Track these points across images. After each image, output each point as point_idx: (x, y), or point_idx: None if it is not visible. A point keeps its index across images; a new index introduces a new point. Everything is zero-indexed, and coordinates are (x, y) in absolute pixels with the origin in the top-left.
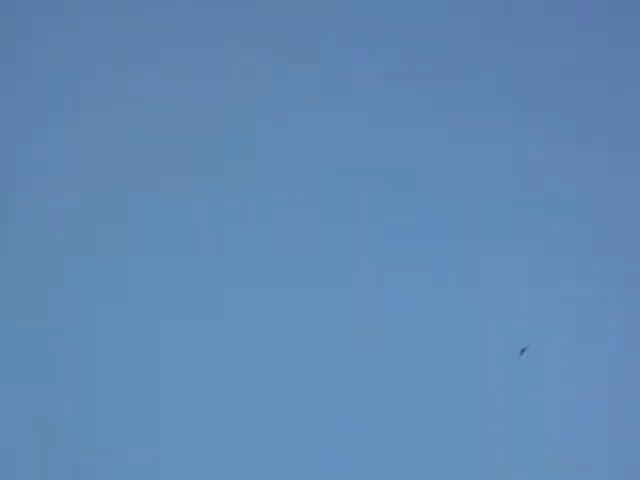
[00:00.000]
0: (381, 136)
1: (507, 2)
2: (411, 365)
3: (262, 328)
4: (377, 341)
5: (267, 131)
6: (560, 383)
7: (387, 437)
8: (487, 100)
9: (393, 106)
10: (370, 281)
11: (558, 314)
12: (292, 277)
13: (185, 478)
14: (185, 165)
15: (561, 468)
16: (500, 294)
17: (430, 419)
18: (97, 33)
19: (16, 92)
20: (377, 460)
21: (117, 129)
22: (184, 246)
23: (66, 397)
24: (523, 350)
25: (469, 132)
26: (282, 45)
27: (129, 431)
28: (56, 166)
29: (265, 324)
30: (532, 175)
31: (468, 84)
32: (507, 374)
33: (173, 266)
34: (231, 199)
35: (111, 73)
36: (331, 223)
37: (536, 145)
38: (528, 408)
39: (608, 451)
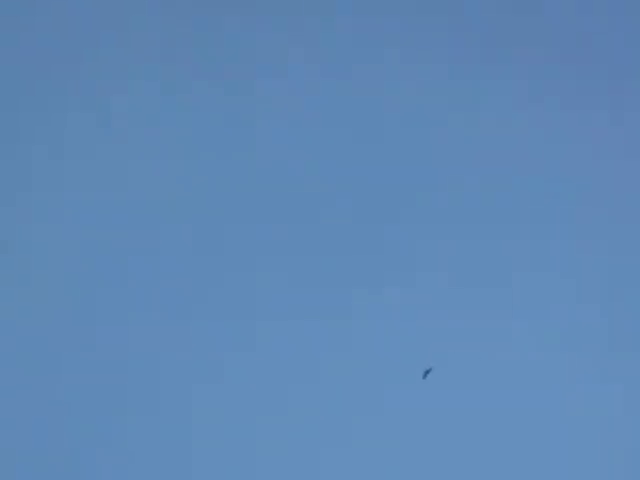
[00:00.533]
0: (381, 136)
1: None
2: (413, 368)
3: (261, 330)
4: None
5: (267, 131)
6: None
7: (386, 444)
8: (487, 101)
9: (393, 106)
10: (369, 286)
11: (557, 317)
12: (291, 284)
13: (184, 478)
14: (185, 165)
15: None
16: (502, 300)
17: (432, 423)
18: (97, 33)
19: (16, 92)
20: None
21: (117, 129)
22: (184, 247)
23: (66, 397)
24: (427, 372)
25: (469, 133)
26: (282, 45)
27: (129, 431)
28: (56, 166)
29: (264, 326)
30: (532, 176)
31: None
32: (506, 378)
33: (173, 266)
34: (230, 198)
35: (111, 73)
36: (329, 225)
37: (536, 145)
38: (526, 412)
39: (608, 454)
